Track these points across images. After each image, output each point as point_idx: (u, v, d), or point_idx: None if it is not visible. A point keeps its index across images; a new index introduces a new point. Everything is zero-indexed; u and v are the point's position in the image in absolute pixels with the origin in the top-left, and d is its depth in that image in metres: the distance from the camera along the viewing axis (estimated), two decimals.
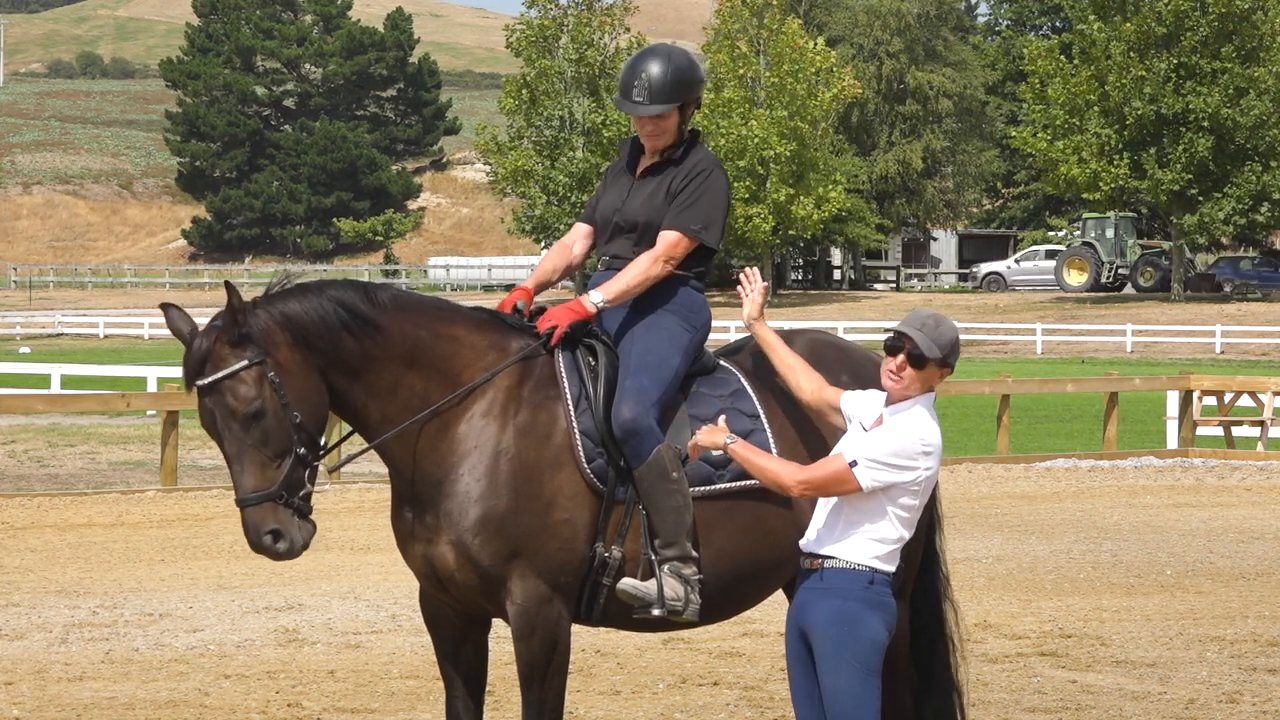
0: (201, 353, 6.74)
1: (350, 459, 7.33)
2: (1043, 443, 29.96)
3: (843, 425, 6.78)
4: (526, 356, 7.16)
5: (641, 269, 7.32)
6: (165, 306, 6.90)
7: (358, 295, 7.00)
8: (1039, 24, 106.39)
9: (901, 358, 6.48)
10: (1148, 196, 79.92)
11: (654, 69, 7.37)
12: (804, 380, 7.01)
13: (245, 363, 6.73)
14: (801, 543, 6.59)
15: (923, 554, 7.65)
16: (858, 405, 6.70)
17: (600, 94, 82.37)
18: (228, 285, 6.82)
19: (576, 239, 7.62)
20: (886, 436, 6.42)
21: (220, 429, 6.75)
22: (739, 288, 7.24)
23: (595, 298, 7.31)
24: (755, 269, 7.31)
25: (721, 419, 6.69)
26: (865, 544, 6.43)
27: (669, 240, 7.33)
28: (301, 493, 6.80)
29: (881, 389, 6.60)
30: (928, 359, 6.47)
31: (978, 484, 23.00)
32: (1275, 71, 75.85)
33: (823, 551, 6.47)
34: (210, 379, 6.73)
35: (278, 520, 6.73)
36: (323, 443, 6.97)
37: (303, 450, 6.79)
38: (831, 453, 6.61)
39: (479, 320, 7.26)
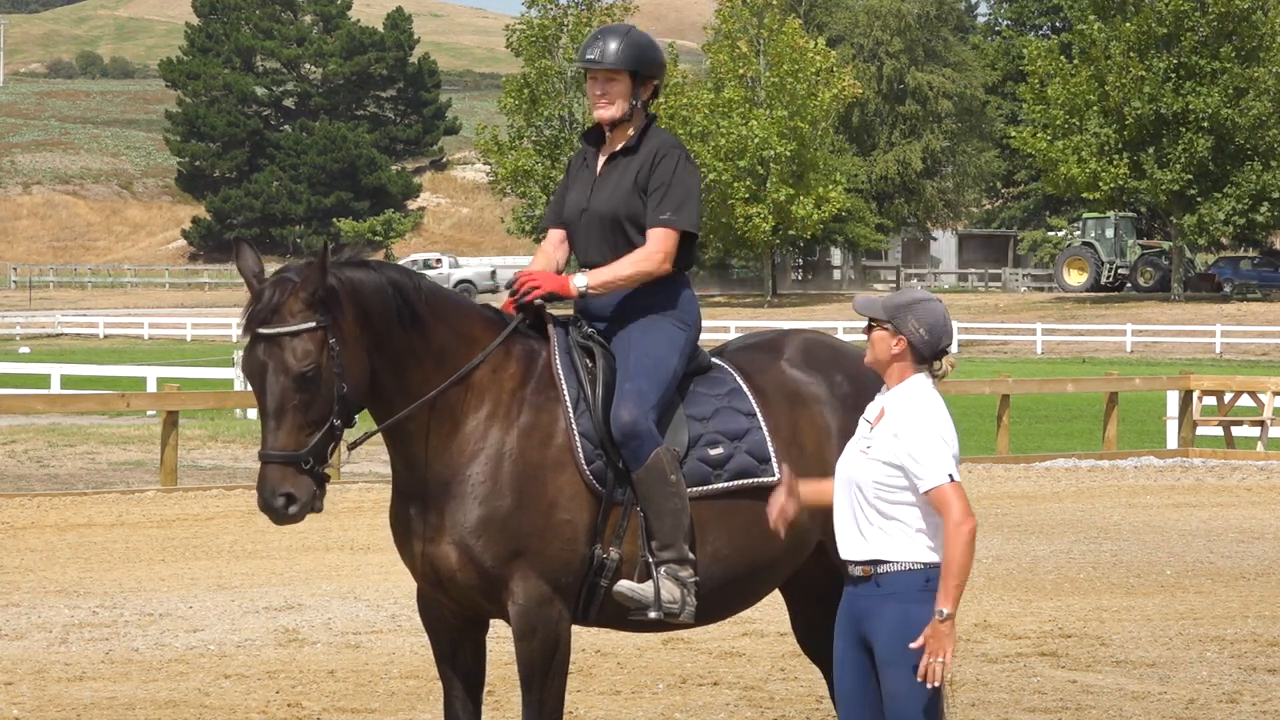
0: (273, 303, 6.67)
1: (367, 436, 7.19)
2: (1043, 443, 29.96)
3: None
4: (506, 336, 7.16)
5: (633, 264, 7.30)
6: (238, 242, 6.87)
7: (410, 286, 7.00)
8: (1039, 24, 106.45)
9: (867, 329, 6.46)
10: (1147, 196, 80.00)
11: (614, 34, 7.43)
12: None
13: (314, 324, 6.68)
14: (842, 554, 6.42)
15: None
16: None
17: None
18: (324, 243, 6.81)
19: (554, 246, 7.61)
20: (926, 432, 6.24)
21: (267, 382, 6.67)
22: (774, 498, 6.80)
23: (580, 281, 7.30)
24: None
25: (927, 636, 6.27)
26: (912, 539, 6.29)
27: (658, 236, 7.31)
28: (324, 464, 6.78)
29: (875, 391, 6.55)
30: (871, 322, 6.41)
31: (978, 484, 22.98)
32: (1275, 71, 75.92)
33: (872, 556, 6.31)
34: (275, 330, 6.66)
35: (295, 485, 6.67)
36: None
37: (338, 423, 6.76)
38: (848, 447, 6.47)
39: (489, 319, 7.27)
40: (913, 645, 6.21)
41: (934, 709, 6.29)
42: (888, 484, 6.30)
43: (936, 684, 6.19)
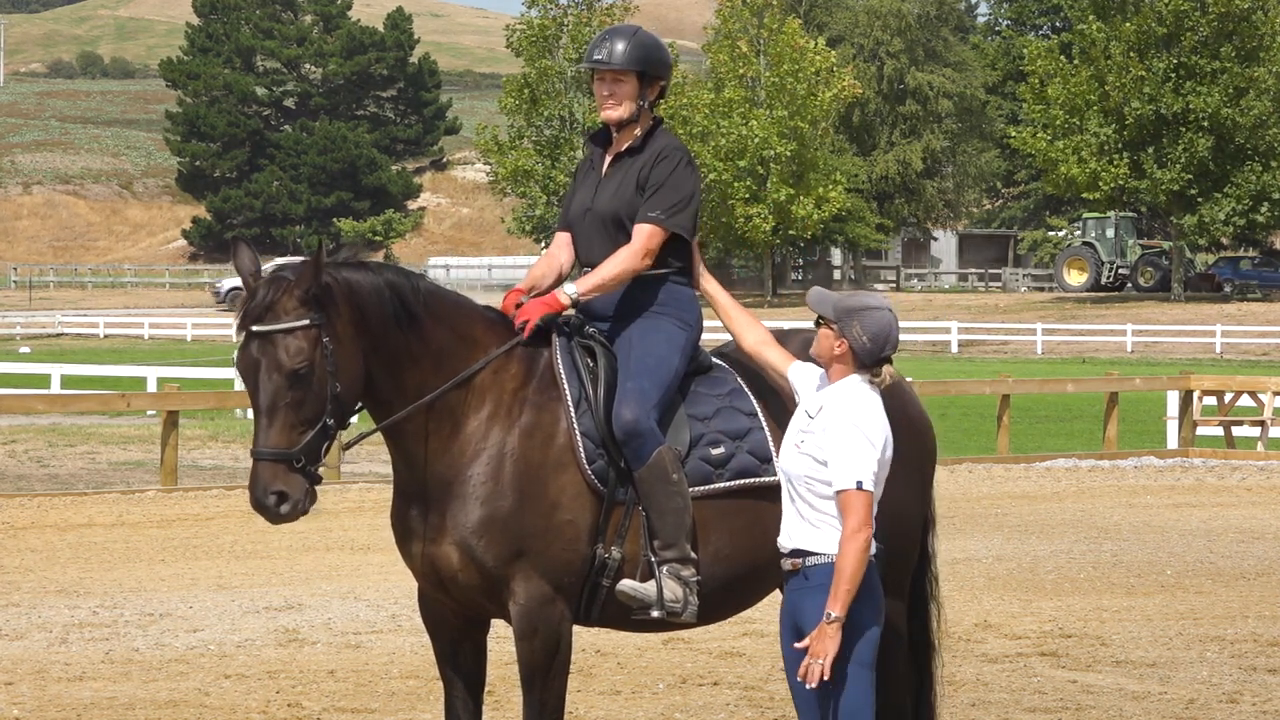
0: (267, 300, 6.69)
1: (364, 436, 7.23)
2: (1043, 443, 29.96)
3: (783, 383, 6.96)
4: (508, 349, 7.16)
5: (618, 263, 7.31)
6: (235, 241, 6.87)
7: (408, 287, 7.00)
8: (1039, 24, 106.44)
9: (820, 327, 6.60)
10: (1147, 196, 79.96)
11: (621, 34, 7.45)
12: (746, 331, 7.23)
13: (307, 322, 6.70)
14: (780, 542, 6.58)
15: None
16: (803, 380, 6.74)
17: None
18: (319, 242, 6.80)
19: (560, 248, 7.61)
20: (848, 433, 6.38)
21: (260, 379, 6.68)
22: None
23: (569, 290, 7.29)
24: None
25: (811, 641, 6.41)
26: (839, 533, 6.40)
27: (643, 233, 7.32)
28: (317, 463, 6.78)
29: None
30: (820, 319, 6.51)
31: (978, 484, 23.00)
32: (1275, 71, 75.91)
33: (801, 547, 6.46)
34: (268, 327, 6.67)
35: (287, 483, 6.67)
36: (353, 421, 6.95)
37: (331, 422, 6.76)
38: (785, 440, 6.61)
39: (491, 320, 7.28)
40: (797, 645, 6.38)
41: (867, 698, 6.37)
42: (817, 479, 6.44)
43: (813, 685, 6.30)
